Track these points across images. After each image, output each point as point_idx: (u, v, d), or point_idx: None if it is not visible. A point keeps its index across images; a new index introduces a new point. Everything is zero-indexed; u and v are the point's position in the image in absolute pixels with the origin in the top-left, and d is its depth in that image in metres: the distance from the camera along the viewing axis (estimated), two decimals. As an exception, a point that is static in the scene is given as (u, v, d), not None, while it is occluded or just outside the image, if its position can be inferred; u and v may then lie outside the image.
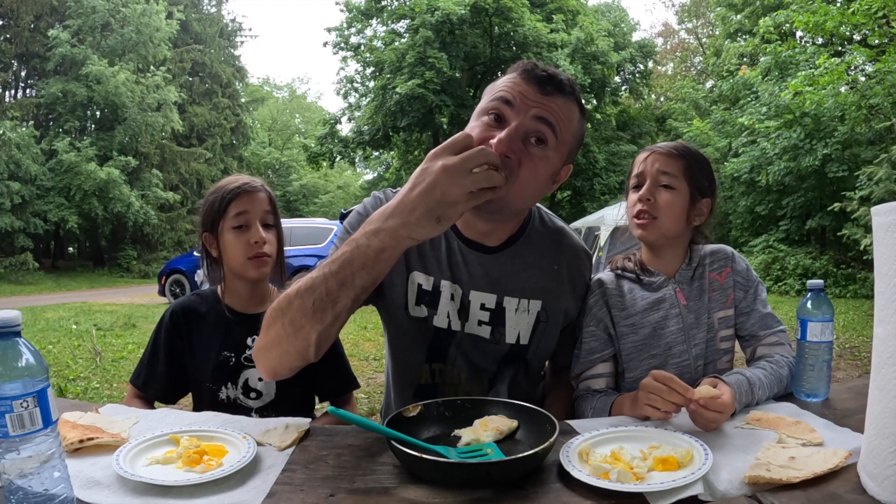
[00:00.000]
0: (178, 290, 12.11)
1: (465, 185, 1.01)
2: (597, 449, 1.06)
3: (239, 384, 1.64)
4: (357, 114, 25.51)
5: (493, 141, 1.21)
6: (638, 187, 1.53)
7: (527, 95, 1.25)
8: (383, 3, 24.30)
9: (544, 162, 1.28)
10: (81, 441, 1.08)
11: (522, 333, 1.46)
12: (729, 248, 1.59)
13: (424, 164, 1.04)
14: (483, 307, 1.43)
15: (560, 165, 1.34)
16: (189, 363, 1.67)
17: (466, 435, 1.11)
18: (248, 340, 1.66)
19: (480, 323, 1.44)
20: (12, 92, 24.91)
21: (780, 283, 12.01)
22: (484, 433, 1.10)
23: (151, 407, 1.63)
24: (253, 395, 1.64)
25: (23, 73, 24.95)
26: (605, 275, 1.60)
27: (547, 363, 1.68)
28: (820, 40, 14.82)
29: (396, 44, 22.64)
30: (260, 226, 1.64)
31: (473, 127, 1.28)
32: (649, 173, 1.51)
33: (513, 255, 1.45)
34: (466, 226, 1.43)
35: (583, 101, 1.36)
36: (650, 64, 28.24)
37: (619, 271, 1.59)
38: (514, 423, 1.15)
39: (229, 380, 1.64)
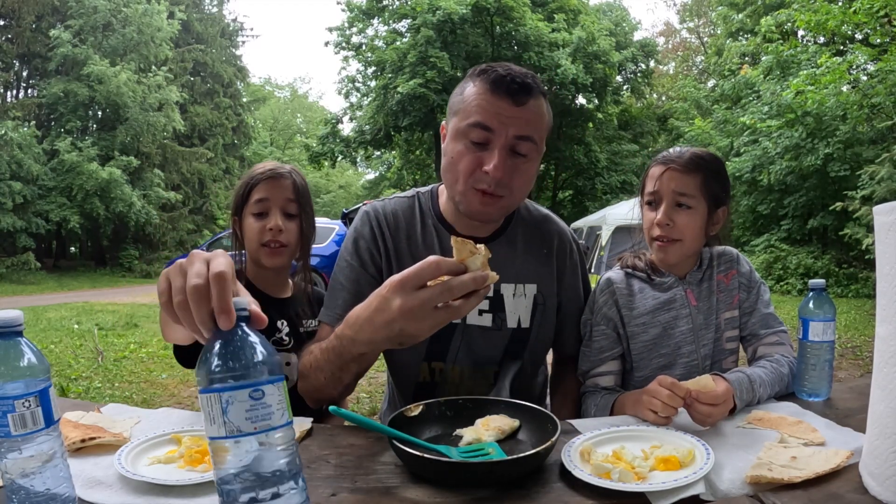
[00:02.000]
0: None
1: (424, 325, 1.00)
2: (598, 448, 1.06)
3: None
4: (358, 113, 25.55)
5: (489, 169, 1.28)
6: (652, 204, 1.52)
7: (503, 112, 1.28)
8: (385, 3, 24.32)
9: (531, 164, 1.36)
10: (83, 441, 1.08)
11: (522, 317, 1.49)
12: (734, 251, 1.60)
13: (385, 293, 1.01)
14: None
15: (542, 151, 1.40)
16: None
17: (468, 434, 1.11)
18: (279, 324, 1.63)
19: (481, 312, 1.46)
20: (14, 92, 24.93)
21: (781, 283, 12.00)
22: (485, 433, 1.10)
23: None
24: None
25: (24, 73, 24.95)
26: (615, 273, 1.59)
27: (550, 359, 1.69)
28: (821, 39, 14.82)
29: (398, 43, 22.66)
30: (280, 213, 1.59)
31: (461, 153, 1.32)
32: (665, 193, 1.48)
33: (504, 243, 1.49)
34: (458, 222, 1.48)
35: (545, 88, 1.39)
36: (652, 63, 28.22)
37: (630, 270, 1.59)
38: (516, 423, 1.15)
39: None
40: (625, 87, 27.50)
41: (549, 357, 1.71)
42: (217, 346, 0.71)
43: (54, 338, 7.58)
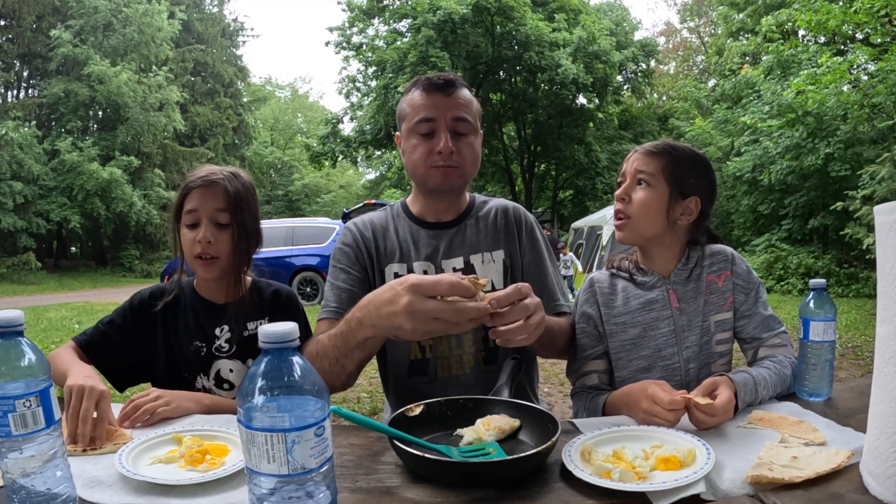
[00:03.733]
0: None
1: (420, 329, 1.09)
2: (599, 448, 1.06)
3: (211, 375, 1.60)
4: (359, 113, 25.50)
5: (441, 148, 1.53)
6: (620, 185, 1.55)
7: (438, 104, 1.56)
8: (385, 3, 24.28)
9: (474, 138, 1.62)
10: (84, 451, 1.09)
11: (495, 279, 1.65)
12: (729, 250, 1.57)
13: (399, 289, 1.09)
14: (454, 270, 1.64)
15: (480, 134, 1.67)
16: (162, 351, 1.62)
17: (468, 434, 1.11)
18: (217, 331, 1.61)
19: None
20: (14, 92, 24.95)
21: (782, 283, 11.99)
22: (486, 432, 1.10)
23: (87, 361, 1.54)
24: (226, 386, 1.60)
25: (25, 74, 24.97)
26: (599, 273, 1.62)
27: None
28: (822, 39, 14.77)
29: (398, 43, 22.61)
30: (210, 224, 1.55)
31: (415, 145, 1.57)
32: (629, 173, 1.52)
33: (470, 224, 1.70)
34: (426, 211, 1.70)
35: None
36: (652, 63, 28.15)
37: (615, 270, 1.60)
38: (517, 423, 1.15)
39: (201, 371, 1.60)
40: (625, 87, 27.42)
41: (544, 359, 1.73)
42: (276, 385, 0.71)
43: (55, 338, 7.58)
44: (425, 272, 1.61)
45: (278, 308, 1.68)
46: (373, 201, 13.59)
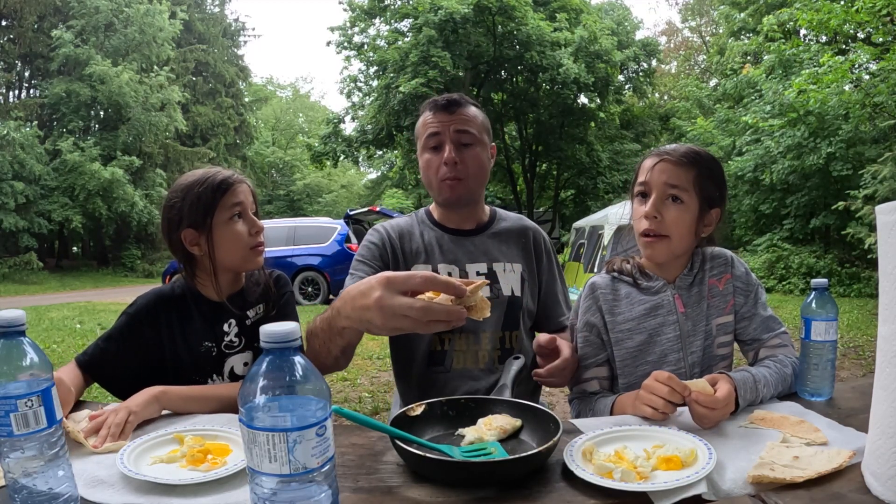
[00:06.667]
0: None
1: (388, 325, 1.05)
2: (600, 448, 1.06)
3: (225, 374, 1.59)
4: (360, 113, 25.48)
5: (445, 158, 1.70)
6: (642, 196, 1.47)
7: (443, 120, 1.73)
8: (386, 2, 24.27)
9: (479, 149, 1.76)
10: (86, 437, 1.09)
11: (514, 287, 1.81)
12: (728, 253, 1.55)
13: (374, 282, 1.06)
14: (478, 273, 1.79)
15: (488, 146, 1.82)
16: (169, 356, 1.58)
17: (470, 434, 1.11)
18: (226, 326, 1.60)
19: None
20: (16, 92, 24.97)
21: (783, 282, 11.96)
22: (488, 432, 1.11)
23: (84, 384, 1.50)
24: None
25: (26, 74, 24.98)
26: (600, 278, 1.56)
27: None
28: (824, 38, 14.76)
29: (400, 43, 22.59)
30: (252, 215, 1.59)
31: (428, 160, 1.76)
32: (656, 184, 1.42)
33: (491, 235, 1.86)
34: (446, 219, 1.86)
35: (476, 102, 1.84)
36: (654, 62, 28.09)
37: (616, 274, 1.55)
38: (518, 423, 1.15)
39: (214, 371, 1.59)
40: (627, 87, 27.34)
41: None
42: (277, 384, 0.71)
43: (57, 337, 7.59)
44: (449, 273, 1.74)
45: (271, 291, 1.68)
46: (377, 208, 13.62)
